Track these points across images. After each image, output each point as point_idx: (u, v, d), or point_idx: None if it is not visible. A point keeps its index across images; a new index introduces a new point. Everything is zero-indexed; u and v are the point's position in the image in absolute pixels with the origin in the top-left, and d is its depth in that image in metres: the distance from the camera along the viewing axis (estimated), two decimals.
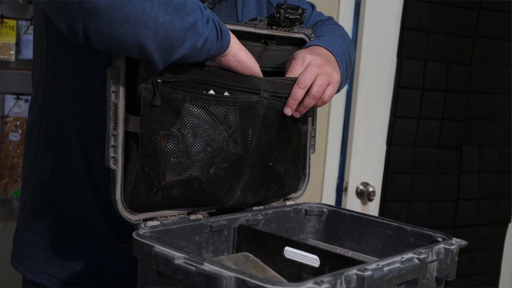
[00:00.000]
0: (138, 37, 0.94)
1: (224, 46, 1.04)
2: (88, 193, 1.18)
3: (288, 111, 1.17)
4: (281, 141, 1.21)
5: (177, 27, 0.96)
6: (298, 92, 1.16)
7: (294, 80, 1.16)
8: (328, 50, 1.22)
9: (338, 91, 1.25)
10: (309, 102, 1.17)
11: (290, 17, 1.22)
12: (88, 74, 1.13)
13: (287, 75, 1.17)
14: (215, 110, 1.08)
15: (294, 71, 1.17)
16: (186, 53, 0.99)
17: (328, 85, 1.18)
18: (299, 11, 1.23)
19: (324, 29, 1.35)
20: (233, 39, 1.07)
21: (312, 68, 1.16)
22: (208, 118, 1.08)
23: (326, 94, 1.18)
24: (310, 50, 1.21)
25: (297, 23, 1.25)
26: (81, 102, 1.15)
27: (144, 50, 0.96)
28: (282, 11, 1.21)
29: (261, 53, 1.18)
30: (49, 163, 1.21)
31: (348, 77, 1.32)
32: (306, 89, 1.16)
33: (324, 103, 1.20)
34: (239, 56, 1.07)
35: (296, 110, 1.18)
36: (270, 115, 1.16)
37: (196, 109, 1.06)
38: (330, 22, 1.41)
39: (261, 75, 1.13)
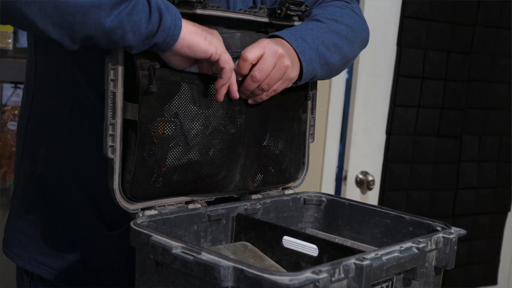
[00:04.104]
0: (21, 9, 0.91)
1: (165, 30, 0.97)
2: (75, 185, 1.17)
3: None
4: (274, 121, 1.21)
5: (72, 2, 0.91)
6: (250, 85, 1.11)
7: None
8: (291, 45, 1.14)
9: (299, 83, 1.18)
10: (257, 92, 1.12)
11: (290, 13, 1.20)
12: (72, 66, 1.12)
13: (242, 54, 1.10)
14: (210, 91, 1.08)
15: (249, 50, 1.09)
16: (93, 32, 0.94)
17: (280, 79, 1.12)
18: (302, 8, 1.20)
19: (316, 11, 1.26)
20: (184, 24, 1.00)
21: (270, 58, 1.10)
22: (204, 100, 1.08)
23: (277, 89, 1.13)
24: (273, 40, 1.14)
25: (296, 19, 1.22)
26: (68, 94, 1.15)
27: (36, 26, 0.92)
28: (284, 8, 1.18)
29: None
30: (37, 154, 1.21)
31: (328, 69, 1.21)
32: (258, 84, 1.11)
33: (268, 96, 1.14)
34: (187, 41, 1.00)
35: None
36: None
37: (192, 91, 1.06)
38: (332, 3, 1.28)
39: (224, 57, 1.04)
